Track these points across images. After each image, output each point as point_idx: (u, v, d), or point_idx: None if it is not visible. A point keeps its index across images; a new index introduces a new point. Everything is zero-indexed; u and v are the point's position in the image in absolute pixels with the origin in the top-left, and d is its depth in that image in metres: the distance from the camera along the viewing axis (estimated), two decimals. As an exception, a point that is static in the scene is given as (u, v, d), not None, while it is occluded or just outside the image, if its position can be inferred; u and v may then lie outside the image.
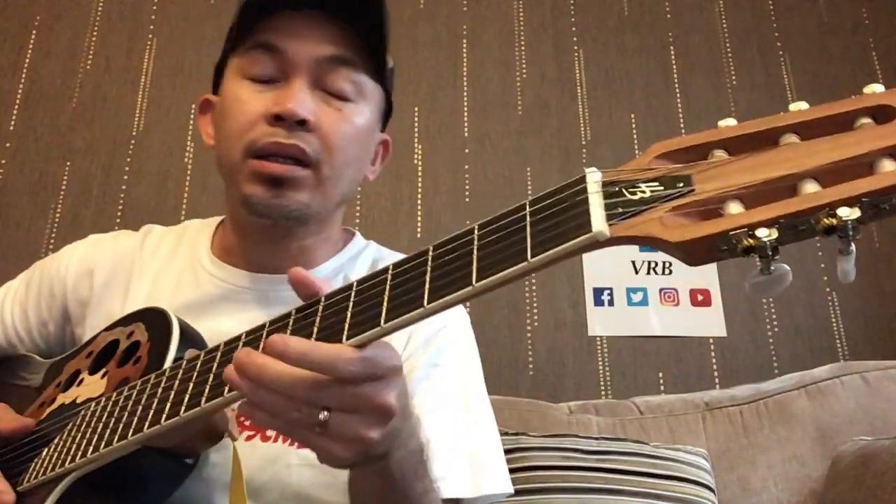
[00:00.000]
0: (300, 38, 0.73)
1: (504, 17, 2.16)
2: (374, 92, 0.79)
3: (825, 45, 2.18)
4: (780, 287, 0.37)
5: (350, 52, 0.75)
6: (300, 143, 0.71)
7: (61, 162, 1.92)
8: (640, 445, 1.45)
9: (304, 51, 0.73)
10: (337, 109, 0.74)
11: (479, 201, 1.96)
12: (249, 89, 0.74)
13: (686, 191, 0.38)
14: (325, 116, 0.73)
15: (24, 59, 2.01)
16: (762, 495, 1.46)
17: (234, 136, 0.73)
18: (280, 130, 0.71)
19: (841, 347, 1.88)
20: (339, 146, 0.73)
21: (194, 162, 1.94)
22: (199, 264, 0.84)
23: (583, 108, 2.08)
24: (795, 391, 1.56)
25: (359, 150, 0.78)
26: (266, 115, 0.71)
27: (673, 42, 2.17)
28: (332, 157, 0.73)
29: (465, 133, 2.03)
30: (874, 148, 0.34)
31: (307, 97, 0.72)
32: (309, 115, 0.71)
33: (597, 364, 1.83)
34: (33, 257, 1.80)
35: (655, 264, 1.91)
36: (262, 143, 0.71)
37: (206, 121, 0.84)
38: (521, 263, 0.41)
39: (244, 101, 0.73)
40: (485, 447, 0.78)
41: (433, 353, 0.79)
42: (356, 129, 0.76)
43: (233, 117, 0.74)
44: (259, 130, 0.72)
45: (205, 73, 2.01)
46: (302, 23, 0.73)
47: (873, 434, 1.43)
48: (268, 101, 0.72)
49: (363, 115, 0.77)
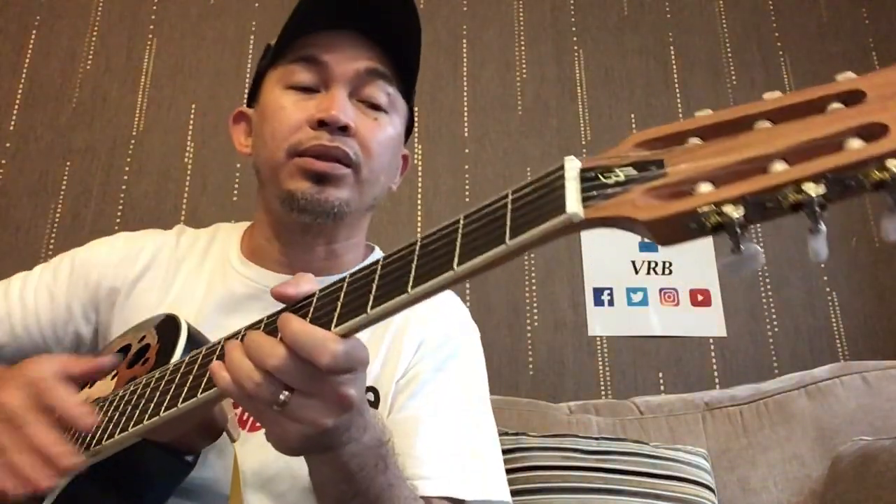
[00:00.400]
0: (340, 52, 0.79)
1: (504, 17, 2.16)
2: (402, 107, 0.85)
3: (825, 45, 2.18)
4: (751, 266, 0.38)
5: (385, 68, 0.81)
6: (343, 145, 0.76)
7: (61, 162, 1.92)
8: (640, 445, 1.45)
9: (343, 63, 0.78)
10: (373, 119, 0.80)
11: (479, 201, 1.95)
12: (292, 97, 0.79)
13: (659, 174, 0.39)
14: (362, 124, 0.78)
15: (24, 59, 2.01)
16: (762, 495, 1.46)
17: (278, 138, 0.78)
18: (323, 134, 0.76)
19: (841, 347, 1.88)
20: (376, 151, 0.79)
21: (194, 162, 1.94)
22: (229, 264, 0.87)
23: (583, 108, 2.08)
24: (795, 391, 1.56)
25: (391, 157, 0.83)
26: (310, 121, 0.76)
27: (673, 42, 2.17)
28: (370, 160, 0.78)
29: (465, 133, 2.03)
30: (842, 128, 0.35)
31: (348, 105, 0.77)
32: (350, 121, 0.76)
33: (597, 364, 1.83)
34: (33, 257, 1.82)
35: (655, 264, 1.91)
36: (307, 144, 0.76)
37: (239, 130, 0.91)
38: (500, 247, 0.43)
39: (287, 108, 0.79)
40: (485, 454, 0.79)
41: (441, 359, 0.82)
42: (389, 139, 0.81)
43: (276, 122, 0.79)
44: (303, 134, 0.77)
45: (205, 72, 2.03)
46: (341, 40, 0.79)
47: (873, 434, 1.43)
48: (310, 108, 0.77)
49: (394, 126, 0.83)
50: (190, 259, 0.88)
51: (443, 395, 0.79)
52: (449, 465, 0.74)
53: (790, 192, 0.35)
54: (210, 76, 2.01)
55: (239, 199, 1.90)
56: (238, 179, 1.92)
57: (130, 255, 0.89)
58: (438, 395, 0.79)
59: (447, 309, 0.89)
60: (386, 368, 0.80)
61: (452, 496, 0.72)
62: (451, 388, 0.81)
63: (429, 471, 0.72)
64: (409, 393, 0.78)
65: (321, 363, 0.47)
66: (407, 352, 0.81)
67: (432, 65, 2.08)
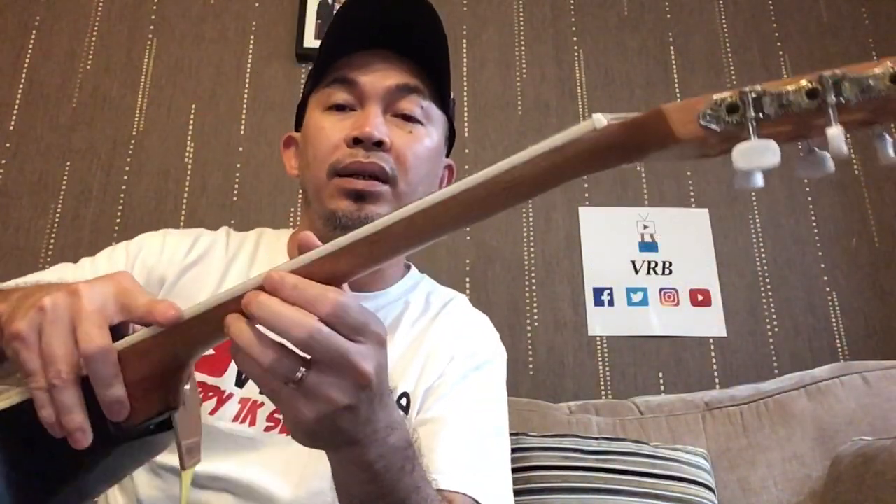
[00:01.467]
0: (373, 71, 0.82)
1: (504, 17, 2.16)
2: (439, 118, 0.88)
3: (825, 45, 2.19)
4: (768, 160, 0.39)
5: (417, 82, 0.84)
6: (378, 161, 0.79)
7: (61, 162, 1.92)
8: (640, 445, 1.45)
9: (376, 81, 0.82)
10: (408, 132, 0.83)
11: (479, 201, 1.96)
12: (330, 119, 0.83)
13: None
14: (398, 138, 0.81)
15: (24, 59, 2.01)
16: (762, 495, 1.46)
17: (319, 159, 0.82)
18: (360, 151, 0.79)
19: (841, 347, 1.88)
20: (413, 164, 0.82)
21: (194, 162, 1.94)
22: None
23: (583, 108, 2.08)
24: (795, 391, 1.56)
25: (429, 168, 0.86)
26: (346, 139, 0.80)
27: (673, 42, 2.17)
28: (407, 173, 0.81)
29: (465, 133, 2.03)
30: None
31: (381, 121, 0.81)
32: (384, 136, 0.79)
33: (597, 364, 1.83)
34: (33, 258, 1.82)
35: (655, 264, 1.91)
36: (344, 163, 0.79)
37: (289, 154, 0.94)
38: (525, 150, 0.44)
39: (326, 129, 0.82)
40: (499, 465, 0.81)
41: (467, 369, 0.85)
42: (426, 149, 0.84)
43: (317, 144, 0.83)
44: (341, 152, 0.80)
45: (205, 73, 2.03)
46: (374, 59, 0.83)
47: (873, 434, 1.43)
48: (347, 127, 0.81)
49: (431, 137, 0.85)
50: (239, 260, 0.90)
51: (465, 401, 0.82)
52: (468, 466, 0.76)
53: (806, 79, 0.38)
54: (210, 76, 2.01)
55: (239, 199, 1.90)
56: (238, 179, 1.92)
57: (182, 247, 0.90)
58: (461, 400, 0.82)
59: (480, 328, 0.95)
60: (421, 380, 0.83)
61: (468, 493, 0.73)
62: (473, 397, 0.83)
63: (447, 466, 0.74)
64: (435, 397, 0.81)
65: (322, 312, 0.46)
66: (440, 364, 0.84)
67: (432, 65, 2.08)
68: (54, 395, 0.47)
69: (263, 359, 0.46)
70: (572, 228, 1.95)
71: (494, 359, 0.91)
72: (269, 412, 0.78)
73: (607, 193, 1.99)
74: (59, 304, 0.48)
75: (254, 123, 1.95)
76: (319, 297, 0.46)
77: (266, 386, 0.48)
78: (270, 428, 0.77)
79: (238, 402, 0.78)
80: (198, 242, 0.91)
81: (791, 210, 2.00)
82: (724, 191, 2.01)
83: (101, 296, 0.50)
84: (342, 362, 0.47)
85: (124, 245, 0.91)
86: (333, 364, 0.47)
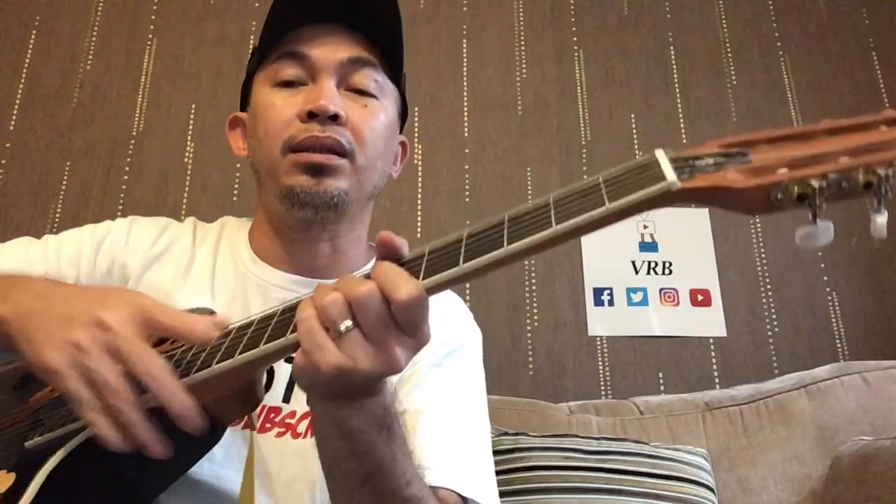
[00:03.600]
0: (324, 44, 0.79)
1: (504, 17, 2.16)
2: (393, 92, 0.85)
3: (825, 45, 2.18)
4: (824, 239, 0.45)
5: (370, 55, 0.81)
6: (335, 134, 0.76)
7: (61, 162, 1.92)
8: (640, 445, 1.44)
9: (328, 54, 0.79)
10: (363, 105, 0.80)
11: (479, 201, 1.96)
12: (281, 94, 0.80)
13: (745, 160, 0.46)
14: (353, 112, 0.78)
15: (24, 59, 2.01)
16: (762, 495, 1.45)
17: (271, 136, 0.78)
18: (315, 125, 0.76)
19: (841, 347, 1.88)
20: (370, 137, 0.79)
21: (194, 162, 1.94)
22: (240, 260, 0.87)
23: (583, 108, 2.08)
24: (795, 391, 1.56)
25: (385, 143, 0.83)
26: (300, 114, 0.77)
27: (673, 42, 2.17)
28: (364, 147, 0.79)
29: (465, 133, 2.03)
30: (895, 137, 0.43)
31: (336, 94, 0.77)
32: (339, 110, 0.76)
33: (597, 364, 1.83)
34: (33, 257, 1.82)
35: (655, 264, 1.91)
36: (299, 138, 0.76)
37: (235, 135, 0.91)
38: (600, 209, 0.46)
39: (277, 105, 0.79)
40: (480, 455, 0.80)
41: (441, 355, 0.82)
42: (382, 124, 0.82)
43: (268, 120, 0.79)
44: (295, 128, 0.77)
45: (205, 73, 2.03)
46: (324, 32, 0.80)
47: (873, 434, 1.43)
48: (299, 102, 0.77)
49: (386, 112, 0.83)
50: (203, 250, 0.88)
51: (441, 391, 0.80)
52: (448, 458, 0.74)
53: (861, 173, 0.42)
54: (210, 76, 2.01)
55: (239, 199, 1.90)
56: (238, 179, 1.92)
57: (148, 236, 0.88)
58: (437, 389, 0.79)
59: (451, 310, 0.90)
60: None
61: (452, 488, 0.72)
62: (449, 384, 0.81)
63: (430, 461, 0.72)
64: (409, 388, 0.79)
65: (396, 296, 0.48)
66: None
67: (432, 65, 2.08)
68: (120, 416, 0.50)
69: (324, 297, 0.49)
70: (572, 228, 1.95)
71: (467, 342, 0.87)
72: None
73: (607, 193, 1.99)
74: (97, 340, 0.51)
75: (254, 123, 1.94)
76: (401, 280, 0.49)
77: (305, 325, 0.50)
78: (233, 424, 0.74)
79: None
80: (165, 233, 0.89)
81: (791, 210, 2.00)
82: (724, 191, 2.01)
83: (129, 323, 0.53)
84: (384, 340, 0.50)
85: (90, 228, 0.90)
86: (377, 336, 0.50)
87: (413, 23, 2.11)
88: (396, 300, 0.49)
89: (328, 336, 0.49)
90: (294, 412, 0.76)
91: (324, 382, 0.51)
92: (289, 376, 0.78)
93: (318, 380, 0.51)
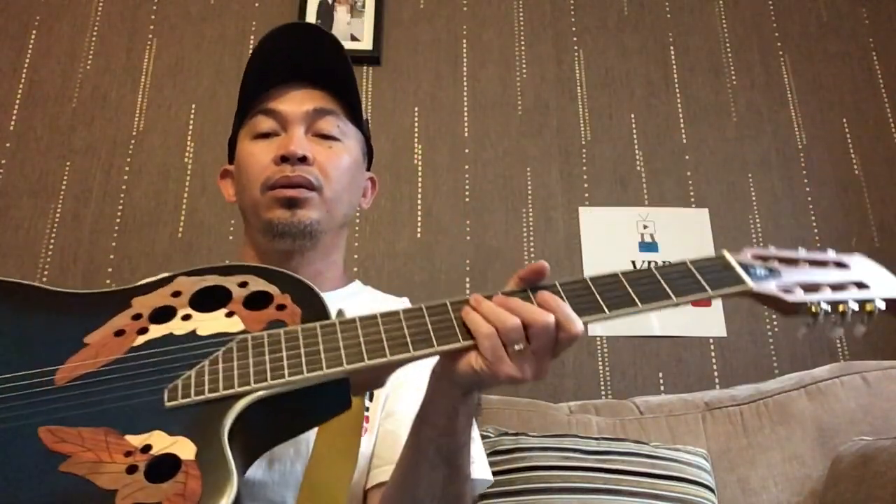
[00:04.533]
0: (291, 99, 0.94)
1: (504, 17, 2.16)
2: (356, 135, 0.99)
3: (825, 45, 2.18)
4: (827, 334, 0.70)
5: (331, 105, 0.95)
6: (304, 173, 0.89)
7: (61, 162, 1.92)
8: (640, 445, 1.44)
9: (295, 107, 0.93)
10: (328, 147, 0.93)
11: (479, 201, 1.96)
12: (258, 145, 0.93)
13: (779, 276, 0.69)
14: (319, 154, 0.92)
15: (24, 59, 2.01)
16: (762, 495, 1.45)
17: (252, 179, 0.92)
18: (287, 167, 0.89)
19: (841, 347, 1.88)
20: (334, 175, 0.92)
21: (194, 162, 1.94)
22: None
23: (583, 108, 2.08)
24: (795, 391, 1.56)
25: (350, 178, 0.96)
26: (275, 158, 0.90)
27: (673, 42, 2.17)
28: (330, 182, 0.92)
29: (465, 133, 2.03)
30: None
31: (303, 140, 0.91)
32: (306, 152, 0.90)
33: (597, 364, 1.83)
34: (33, 258, 1.82)
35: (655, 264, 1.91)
36: (274, 178, 0.89)
37: (226, 184, 1.04)
38: (701, 293, 0.67)
39: (255, 154, 0.93)
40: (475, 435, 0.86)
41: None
42: (345, 162, 0.95)
43: (249, 167, 0.93)
44: (270, 170, 0.90)
45: (205, 72, 2.03)
46: (291, 89, 0.95)
47: (873, 434, 1.43)
48: (273, 149, 0.91)
49: (350, 152, 0.96)
50: None
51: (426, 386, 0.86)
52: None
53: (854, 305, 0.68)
54: (210, 76, 2.01)
55: (239, 199, 1.90)
56: (238, 179, 1.92)
57: None
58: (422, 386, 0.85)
59: None
60: None
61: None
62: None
63: None
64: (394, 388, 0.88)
65: (573, 330, 0.61)
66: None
67: (432, 65, 2.08)
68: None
69: (509, 323, 0.61)
70: (572, 228, 1.95)
71: None
72: None
73: (607, 193, 1.99)
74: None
75: (254, 123, 1.94)
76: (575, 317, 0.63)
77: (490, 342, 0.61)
78: None
79: None
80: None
81: (791, 210, 2.00)
82: (724, 191, 2.01)
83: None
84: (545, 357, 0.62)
85: None
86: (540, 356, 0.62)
87: (413, 23, 2.11)
88: (572, 333, 0.61)
89: (509, 352, 0.61)
90: None
91: (487, 384, 0.63)
92: None
93: (487, 383, 0.63)
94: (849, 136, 2.09)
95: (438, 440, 0.70)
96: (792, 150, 2.06)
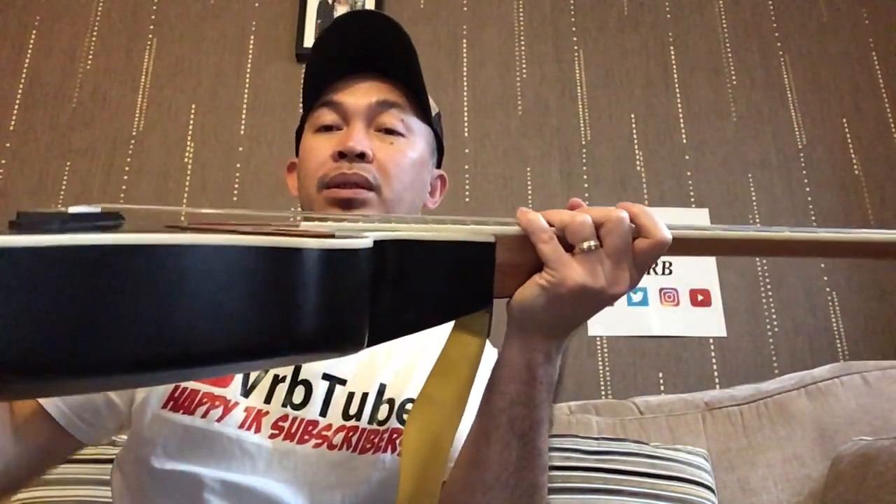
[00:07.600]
0: (354, 91, 0.89)
1: (504, 17, 2.16)
2: (422, 130, 0.94)
3: (825, 45, 2.19)
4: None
5: (396, 97, 0.90)
6: (361, 171, 0.85)
7: (61, 162, 1.92)
8: (640, 445, 1.45)
9: (358, 100, 0.89)
10: (390, 143, 0.88)
11: (479, 201, 1.96)
12: (319, 139, 0.89)
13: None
14: (380, 150, 0.87)
15: (24, 59, 2.01)
16: (762, 495, 1.46)
17: (310, 175, 0.88)
18: (344, 164, 0.85)
19: (841, 347, 1.88)
20: (395, 173, 0.87)
21: (194, 162, 1.94)
22: None
23: (583, 108, 2.08)
24: (795, 391, 1.57)
25: (413, 177, 0.91)
26: (332, 154, 0.86)
27: (673, 42, 2.17)
28: (390, 182, 0.86)
29: (465, 133, 2.03)
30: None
31: (363, 135, 0.86)
32: (365, 148, 0.85)
33: (597, 364, 1.83)
34: (33, 257, 1.81)
35: (655, 264, 1.91)
36: (330, 175, 0.85)
37: (291, 177, 1.00)
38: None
39: (315, 149, 0.89)
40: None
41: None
42: (409, 159, 0.89)
43: (307, 162, 0.89)
44: (328, 167, 0.86)
45: (205, 72, 2.03)
46: (355, 81, 0.90)
47: (873, 434, 1.43)
48: (333, 144, 0.87)
49: (414, 149, 0.91)
50: None
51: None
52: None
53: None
54: (210, 76, 2.01)
55: (239, 199, 1.90)
56: (238, 179, 1.92)
57: None
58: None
59: None
60: (397, 379, 0.84)
61: None
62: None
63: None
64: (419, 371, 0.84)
65: (658, 235, 0.56)
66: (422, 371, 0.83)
67: (432, 65, 2.08)
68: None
69: (577, 218, 0.55)
70: (572, 228, 1.95)
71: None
72: (274, 420, 0.79)
73: (607, 193, 1.99)
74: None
75: (254, 123, 1.95)
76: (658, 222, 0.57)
77: (548, 237, 0.56)
78: (275, 435, 0.78)
79: (244, 410, 0.79)
80: None
81: (791, 210, 2.00)
82: (724, 191, 2.01)
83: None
84: (621, 262, 0.56)
85: None
86: (616, 260, 0.56)
87: (413, 23, 2.11)
88: (658, 238, 0.56)
89: (577, 251, 0.55)
90: (330, 425, 0.80)
91: (559, 301, 0.56)
92: (325, 392, 0.82)
93: (557, 297, 0.56)
94: (849, 136, 2.09)
95: (511, 411, 0.62)
96: (792, 150, 2.06)
